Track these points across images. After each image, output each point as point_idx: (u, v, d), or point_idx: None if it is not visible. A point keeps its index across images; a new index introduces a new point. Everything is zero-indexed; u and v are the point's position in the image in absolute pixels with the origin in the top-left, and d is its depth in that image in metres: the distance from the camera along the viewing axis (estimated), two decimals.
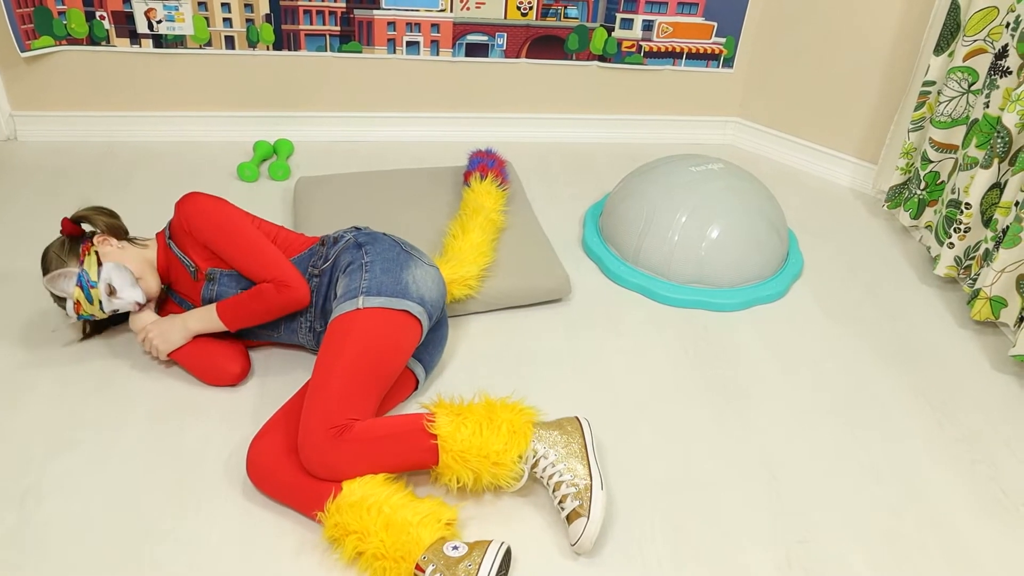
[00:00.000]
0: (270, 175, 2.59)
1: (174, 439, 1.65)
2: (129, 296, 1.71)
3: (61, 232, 1.75)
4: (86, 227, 1.91)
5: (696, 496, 1.62)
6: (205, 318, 1.72)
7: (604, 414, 1.79)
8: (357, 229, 1.81)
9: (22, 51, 2.52)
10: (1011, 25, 2.10)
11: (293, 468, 1.49)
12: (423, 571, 1.35)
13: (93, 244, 1.73)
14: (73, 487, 1.53)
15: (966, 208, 2.16)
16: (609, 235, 2.32)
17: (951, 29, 2.27)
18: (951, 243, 2.22)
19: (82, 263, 1.69)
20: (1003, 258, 2.01)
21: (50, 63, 2.61)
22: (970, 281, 2.20)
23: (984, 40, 2.20)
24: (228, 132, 2.79)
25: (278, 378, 1.82)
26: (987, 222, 2.16)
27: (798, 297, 2.24)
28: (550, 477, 1.50)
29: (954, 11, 2.25)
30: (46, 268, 1.73)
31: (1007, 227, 2.01)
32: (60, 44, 2.57)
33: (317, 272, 1.74)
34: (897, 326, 2.16)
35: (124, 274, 1.71)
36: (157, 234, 1.83)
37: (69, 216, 1.75)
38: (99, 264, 1.70)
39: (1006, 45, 2.11)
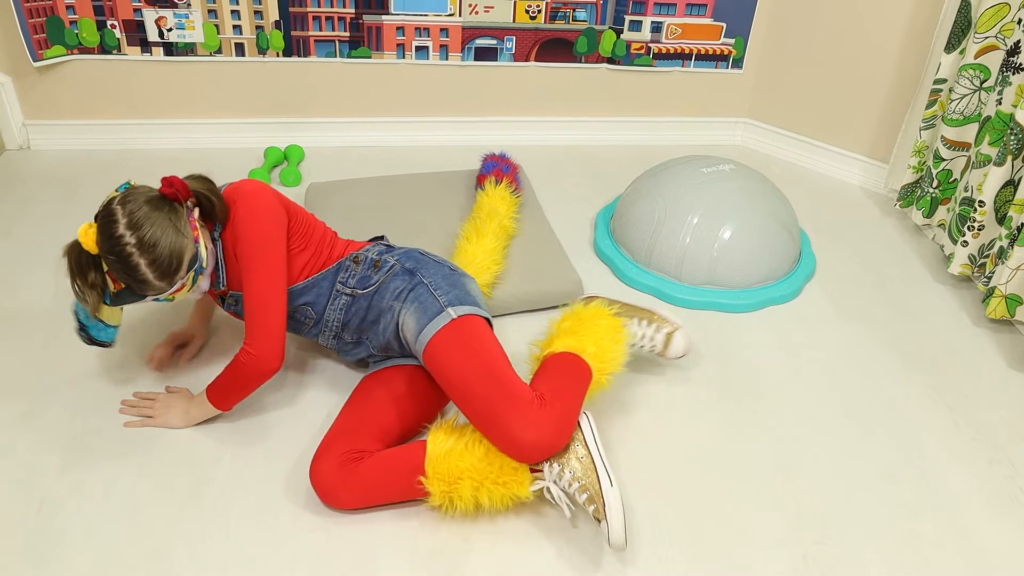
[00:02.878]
0: (281, 181, 2.60)
1: (189, 447, 1.65)
2: (205, 287, 1.62)
3: (169, 190, 1.48)
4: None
5: (711, 497, 1.62)
6: (204, 407, 1.66)
7: (617, 417, 1.79)
8: (387, 247, 1.76)
9: (34, 60, 2.54)
10: (1023, 21, 2.09)
11: (375, 465, 1.51)
12: (539, 470, 1.48)
13: (195, 219, 1.53)
14: (89, 496, 1.54)
15: (980, 206, 2.15)
16: (620, 237, 2.32)
17: (962, 26, 2.26)
18: (965, 241, 2.21)
19: (197, 240, 1.51)
20: (1018, 256, 1.99)
21: (62, 72, 2.63)
22: (985, 279, 2.18)
23: (996, 37, 2.19)
24: (239, 139, 2.81)
25: (283, 392, 1.82)
26: (1001, 219, 2.15)
27: (811, 297, 2.23)
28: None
29: (964, 8, 2.24)
30: (159, 240, 1.44)
31: (1021, 224, 2.00)
32: (72, 53, 2.59)
33: (349, 291, 1.69)
34: (911, 325, 2.15)
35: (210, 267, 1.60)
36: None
37: (182, 177, 1.53)
38: (206, 247, 1.55)
39: (1018, 41, 2.10)
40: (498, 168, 2.39)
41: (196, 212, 1.54)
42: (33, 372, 1.81)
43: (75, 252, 1.49)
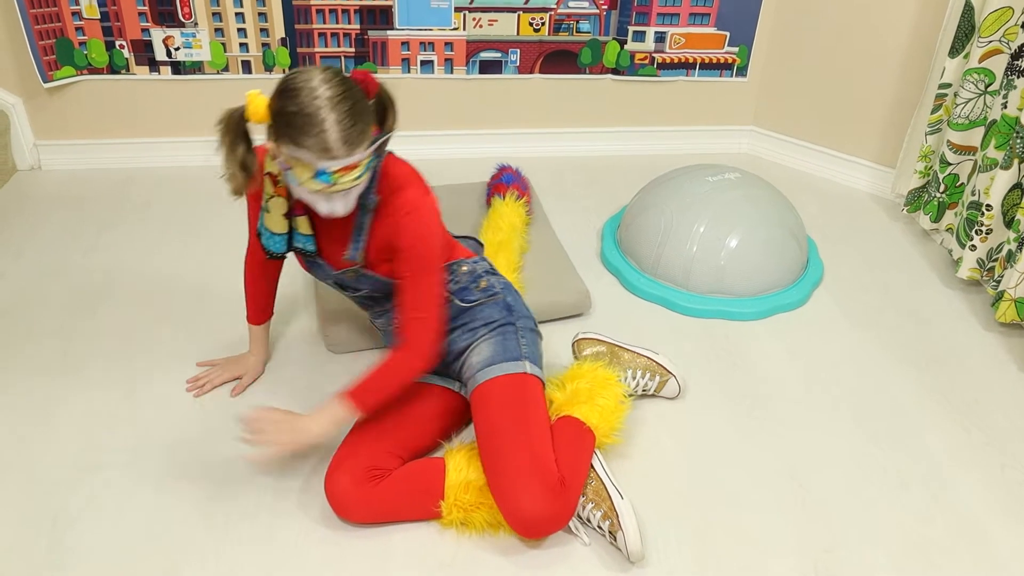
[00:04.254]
0: None
1: (201, 461, 1.66)
2: (351, 205, 1.46)
3: (360, 75, 1.39)
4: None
5: (721, 506, 1.61)
6: (339, 412, 1.50)
7: (627, 426, 1.79)
8: (491, 267, 1.73)
9: (45, 82, 2.57)
10: None
11: (394, 486, 1.51)
12: None
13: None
14: (102, 510, 1.55)
15: (987, 210, 2.14)
16: (628, 247, 2.32)
17: (965, 31, 2.26)
18: (973, 245, 2.20)
19: (374, 135, 1.41)
20: None
21: (72, 92, 2.66)
22: (994, 283, 2.17)
23: (1000, 41, 2.19)
24: None
25: (292, 404, 1.83)
26: (1009, 223, 2.14)
27: (819, 304, 2.23)
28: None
29: (968, 12, 2.24)
30: (357, 102, 1.33)
31: None
32: (81, 74, 2.62)
33: (448, 296, 1.65)
34: (921, 330, 2.14)
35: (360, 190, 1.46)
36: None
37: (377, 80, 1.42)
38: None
39: (1022, 45, 2.09)
40: (517, 183, 2.40)
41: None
42: (43, 390, 1.82)
43: (232, 120, 1.38)
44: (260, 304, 1.82)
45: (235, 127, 1.39)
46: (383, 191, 1.50)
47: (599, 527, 1.52)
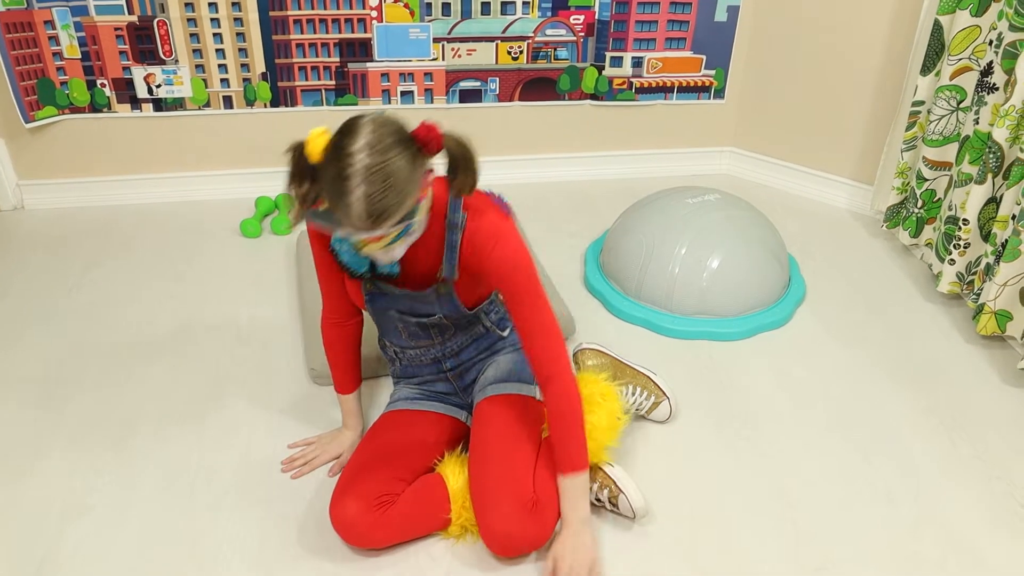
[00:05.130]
0: (272, 230, 2.62)
1: (187, 501, 1.65)
2: (398, 254, 1.41)
3: (423, 133, 1.31)
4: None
5: (711, 527, 1.61)
6: (577, 490, 1.51)
7: (614, 450, 1.79)
8: None
9: (26, 122, 2.57)
10: (994, 42, 2.13)
11: (404, 508, 1.52)
12: None
13: (428, 182, 1.37)
14: (89, 553, 1.53)
15: (964, 224, 2.17)
16: (611, 271, 2.33)
17: (936, 49, 2.30)
18: (952, 259, 2.22)
19: (421, 199, 1.34)
20: (1004, 272, 2.01)
21: (54, 132, 2.67)
22: (974, 296, 2.20)
23: (969, 58, 2.23)
24: (230, 189, 2.83)
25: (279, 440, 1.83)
26: (986, 237, 2.17)
27: (803, 322, 2.25)
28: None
29: (937, 31, 2.28)
30: (392, 177, 1.25)
31: (1006, 240, 2.02)
32: (63, 113, 2.63)
33: (488, 327, 1.66)
34: (904, 345, 2.16)
35: (408, 243, 1.41)
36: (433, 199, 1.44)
37: (441, 131, 1.33)
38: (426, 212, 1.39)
39: (991, 62, 2.13)
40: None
41: (432, 173, 1.38)
42: (26, 431, 1.81)
43: (297, 154, 1.34)
44: (346, 371, 1.72)
45: (296, 162, 1.35)
46: (457, 191, 1.43)
47: (598, 499, 1.58)
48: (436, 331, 1.64)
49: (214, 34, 2.59)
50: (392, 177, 1.25)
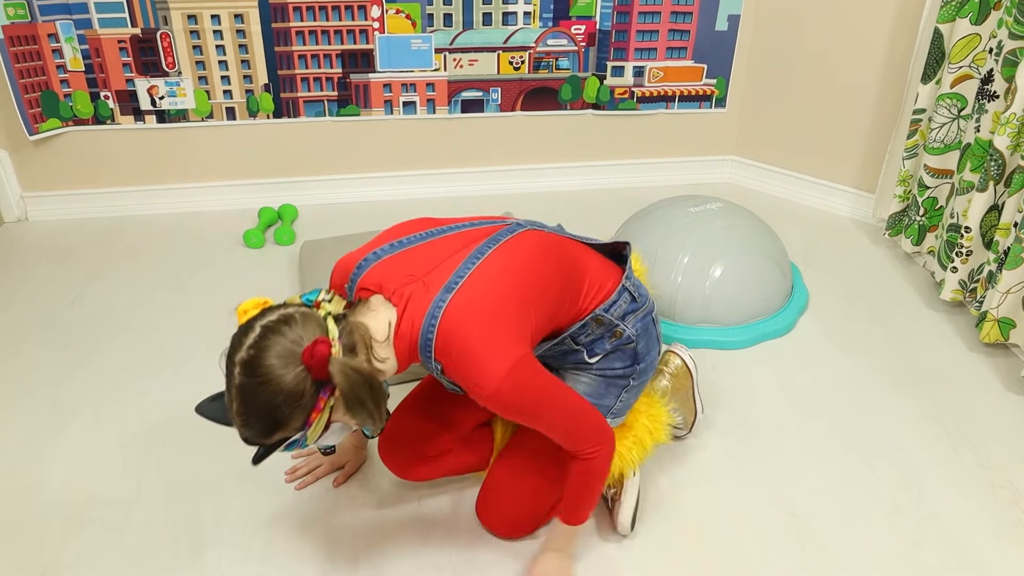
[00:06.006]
0: (275, 240, 2.63)
1: (190, 512, 1.65)
2: (332, 442, 1.31)
3: (310, 362, 1.16)
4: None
5: (715, 537, 1.61)
6: (569, 535, 1.47)
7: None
8: (632, 301, 1.50)
9: (30, 134, 2.59)
10: (994, 50, 2.13)
11: (452, 459, 1.59)
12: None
13: (328, 400, 1.20)
14: (91, 564, 1.54)
15: (966, 232, 2.17)
16: None
17: (936, 57, 2.31)
18: (954, 267, 2.22)
19: (309, 425, 1.20)
20: (1007, 279, 2.01)
21: (58, 144, 2.68)
22: (976, 304, 2.19)
23: (969, 66, 2.23)
24: (233, 200, 2.84)
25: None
26: (988, 244, 2.17)
27: (806, 330, 2.25)
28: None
29: (937, 40, 2.28)
30: (265, 404, 1.16)
31: (1008, 248, 2.02)
32: (67, 125, 2.64)
33: (576, 348, 1.49)
34: (907, 353, 2.16)
35: (343, 432, 1.31)
36: (395, 344, 1.28)
37: (330, 351, 1.17)
38: (326, 427, 1.24)
39: (991, 70, 2.14)
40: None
41: (332, 395, 1.20)
42: (33, 440, 1.81)
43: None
44: None
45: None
46: (440, 355, 1.27)
47: (603, 492, 1.62)
48: None
49: (217, 46, 2.60)
50: (261, 403, 1.15)
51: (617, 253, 1.59)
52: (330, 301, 1.26)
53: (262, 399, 1.15)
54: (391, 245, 1.37)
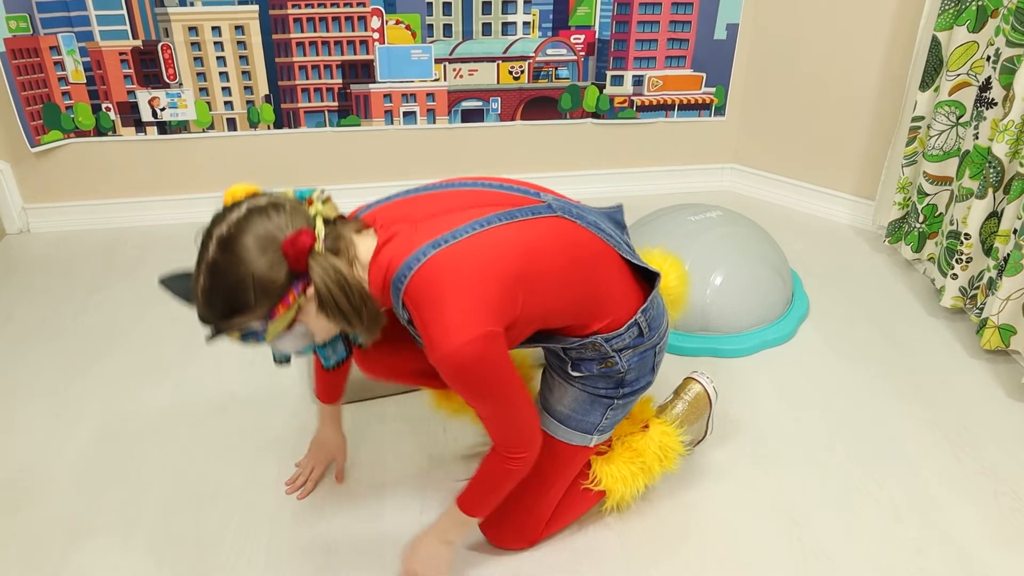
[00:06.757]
0: None
1: (192, 524, 1.65)
2: (290, 348, 1.29)
3: (289, 250, 1.14)
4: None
5: (716, 545, 1.61)
6: (458, 522, 1.42)
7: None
8: (635, 343, 1.43)
9: (32, 146, 2.60)
10: (992, 58, 2.14)
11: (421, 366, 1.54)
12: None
13: (299, 296, 1.18)
14: (94, 575, 1.54)
15: (966, 238, 2.17)
16: None
17: (934, 65, 2.31)
18: (954, 274, 2.23)
19: (273, 317, 1.18)
20: (1007, 286, 2.01)
21: (59, 156, 2.69)
22: (977, 311, 2.20)
23: (967, 74, 2.24)
24: None
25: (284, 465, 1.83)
26: (988, 251, 2.17)
27: (806, 338, 2.25)
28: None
29: (935, 47, 2.29)
30: (232, 284, 1.14)
31: (1008, 255, 2.02)
32: (68, 137, 2.65)
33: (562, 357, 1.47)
34: (908, 360, 2.16)
35: (304, 343, 1.28)
36: (370, 271, 1.26)
37: (312, 243, 1.16)
38: (289, 327, 1.22)
39: (989, 77, 2.15)
40: None
41: (307, 287, 1.18)
42: (36, 452, 1.82)
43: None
44: (331, 384, 1.64)
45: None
46: (408, 301, 1.22)
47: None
48: None
49: (218, 57, 2.61)
50: (228, 283, 1.13)
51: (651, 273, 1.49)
52: (324, 203, 1.23)
53: (230, 279, 1.13)
54: (407, 191, 1.38)
